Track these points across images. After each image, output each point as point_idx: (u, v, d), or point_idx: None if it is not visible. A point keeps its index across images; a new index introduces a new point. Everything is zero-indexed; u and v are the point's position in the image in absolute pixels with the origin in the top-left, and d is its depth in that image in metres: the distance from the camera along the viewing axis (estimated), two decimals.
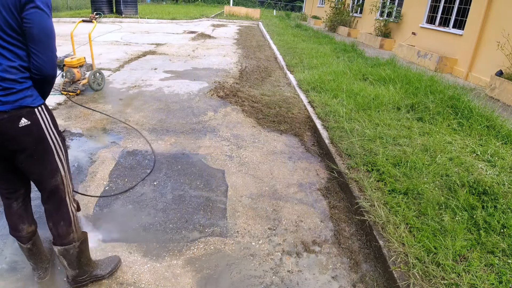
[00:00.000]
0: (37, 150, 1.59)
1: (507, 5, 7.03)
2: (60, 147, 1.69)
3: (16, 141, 1.52)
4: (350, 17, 15.98)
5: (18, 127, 1.49)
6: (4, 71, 1.44)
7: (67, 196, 1.78)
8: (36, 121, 1.55)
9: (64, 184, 1.74)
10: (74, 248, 1.83)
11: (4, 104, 1.45)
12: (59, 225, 1.78)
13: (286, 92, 6.01)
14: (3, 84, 1.44)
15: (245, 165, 3.47)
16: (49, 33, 1.49)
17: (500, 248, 2.21)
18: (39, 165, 1.63)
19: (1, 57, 1.43)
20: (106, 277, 2.03)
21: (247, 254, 2.31)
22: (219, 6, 33.12)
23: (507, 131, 4.01)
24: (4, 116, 1.45)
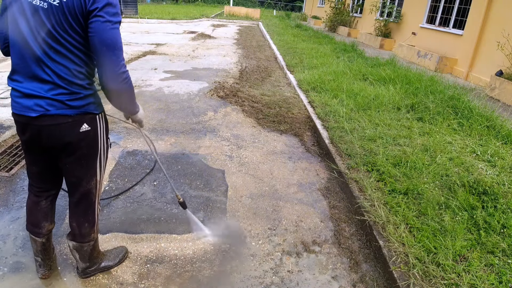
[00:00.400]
0: (88, 154, 1.64)
1: (507, 5, 7.03)
2: (105, 153, 1.75)
3: (72, 144, 1.56)
4: (350, 17, 15.98)
5: (79, 131, 1.54)
6: (73, 75, 1.46)
7: (96, 200, 1.82)
8: (95, 127, 1.61)
9: (96, 188, 1.78)
10: (89, 246, 1.89)
11: (71, 108, 1.48)
12: (83, 226, 1.81)
13: (286, 92, 6.01)
14: (71, 88, 1.47)
15: (245, 165, 3.47)
16: (110, 44, 1.41)
17: (500, 248, 2.21)
18: (83, 168, 1.67)
19: (68, 61, 1.44)
20: (114, 267, 2.08)
21: (247, 254, 2.31)
22: (219, 6, 33.13)
23: (507, 131, 4.01)
24: (69, 120, 1.49)
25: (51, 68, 1.42)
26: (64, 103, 1.47)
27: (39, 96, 1.44)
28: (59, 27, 1.39)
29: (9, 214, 2.50)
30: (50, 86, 1.44)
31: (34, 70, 1.42)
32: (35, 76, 1.43)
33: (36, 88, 1.44)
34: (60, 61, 1.43)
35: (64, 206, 2.61)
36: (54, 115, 1.46)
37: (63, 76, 1.44)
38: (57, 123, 1.48)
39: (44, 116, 1.46)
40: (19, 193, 2.76)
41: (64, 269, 2.07)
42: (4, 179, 2.94)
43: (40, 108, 1.44)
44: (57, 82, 1.44)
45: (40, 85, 1.44)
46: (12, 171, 3.04)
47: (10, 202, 2.64)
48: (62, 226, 2.41)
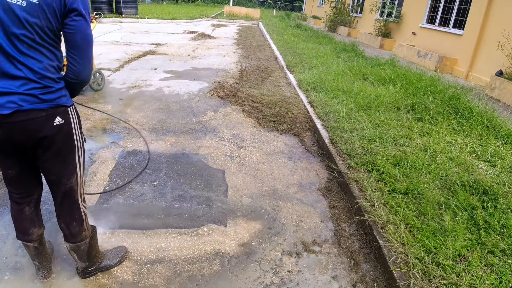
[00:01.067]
0: (64, 149, 1.64)
1: (507, 5, 7.03)
2: (82, 148, 1.74)
3: (46, 139, 1.55)
4: (350, 17, 15.98)
5: (53, 125, 1.54)
6: (45, 69, 1.49)
7: (79, 197, 1.81)
8: (68, 120, 1.61)
9: (78, 185, 1.77)
10: (85, 244, 1.89)
11: (44, 102, 1.49)
12: (71, 225, 1.81)
13: (286, 92, 6.01)
14: (44, 82, 1.48)
15: (245, 165, 3.47)
16: (90, 40, 1.56)
17: (500, 248, 2.21)
18: (61, 164, 1.66)
19: (42, 56, 1.47)
20: (114, 267, 2.09)
21: (247, 253, 2.31)
22: (219, 6, 33.13)
23: (507, 131, 4.01)
24: (42, 114, 1.50)
25: (24, 63, 1.43)
26: (37, 97, 1.47)
27: (11, 93, 1.43)
28: (36, 24, 1.42)
29: (9, 214, 2.50)
30: (22, 81, 1.44)
31: (4, 67, 1.42)
32: (5, 73, 1.43)
33: (7, 85, 1.43)
34: (33, 56, 1.45)
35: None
36: (27, 110, 1.46)
37: (36, 70, 1.46)
38: (31, 117, 1.48)
39: (18, 112, 1.44)
40: None
41: (64, 269, 2.07)
42: None
43: (13, 105, 1.43)
44: (30, 76, 1.45)
45: (11, 82, 1.43)
46: None
47: None
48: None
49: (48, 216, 2.49)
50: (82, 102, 4.88)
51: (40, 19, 1.42)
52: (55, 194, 1.76)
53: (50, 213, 2.53)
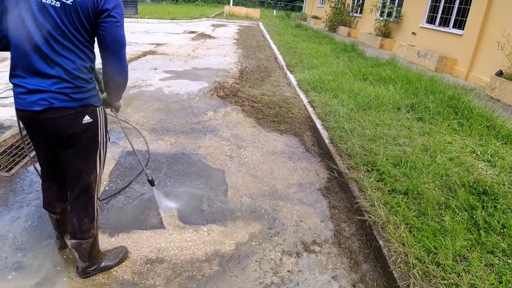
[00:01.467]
0: (88, 146, 1.70)
1: (507, 5, 7.03)
2: (105, 147, 1.81)
3: (74, 136, 1.62)
4: (350, 17, 15.98)
5: (81, 123, 1.61)
6: (78, 70, 1.54)
7: (95, 195, 1.87)
8: (96, 119, 1.68)
9: (96, 182, 1.83)
10: (87, 243, 1.91)
11: (74, 101, 1.55)
12: (83, 221, 1.85)
13: (286, 92, 6.01)
14: (76, 82, 1.54)
15: (245, 165, 3.47)
16: (121, 42, 1.58)
17: (500, 248, 2.21)
18: (83, 160, 1.73)
19: (75, 57, 1.52)
20: (114, 267, 2.10)
21: (247, 254, 2.31)
22: (219, 6, 33.13)
23: (507, 131, 4.01)
24: (72, 112, 1.56)
25: (58, 63, 1.48)
26: (68, 95, 1.53)
27: (43, 91, 1.49)
28: (70, 24, 1.47)
29: (9, 214, 2.50)
30: (54, 80, 1.50)
31: (37, 66, 1.47)
32: (38, 71, 1.48)
33: (40, 83, 1.49)
34: (67, 56, 1.50)
35: None
36: (58, 108, 1.52)
37: (70, 71, 1.51)
38: (61, 115, 1.54)
39: (49, 109, 1.51)
40: (19, 193, 2.76)
41: (65, 269, 2.07)
42: (4, 179, 2.94)
43: (45, 102, 1.50)
44: (63, 76, 1.50)
45: (44, 80, 1.49)
46: (12, 171, 3.04)
47: (10, 202, 2.64)
48: None
49: None
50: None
51: (74, 19, 1.47)
52: (74, 188, 1.81)
53: None
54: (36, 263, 2.10)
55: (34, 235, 2.32)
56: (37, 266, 2.07)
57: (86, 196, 1.82)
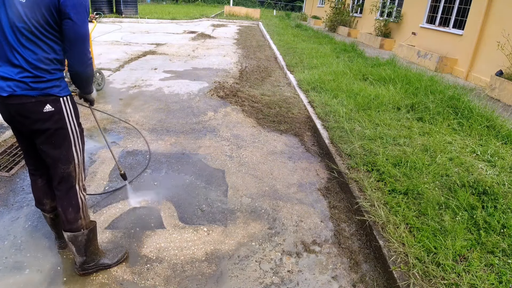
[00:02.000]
0: (56, 135, 1.76)
1: (507, 5, 7.03)
2: (78, 137, 1.85)
3: (39, 123, 1.70)
4: (350, 17, 15.97)
5: (42, 111, 1.68)
6: (39, 60, 1.62)
7: (77, 184, 1.91)
8: (59, 109, 1.73)
9: (76, 172, 1.88)
10: (83, 236, 1.94)
11: (33, 89, 1.64)
12: (68, 211, 1.89)
13: (286, 92, 6.01)
14: (35, 72, 1.63)
15: (245, 165, 3.47)
16: (82, 37, 1.66)
17: (500, 248, 2.21)
18: (55, 149, 1.79)
19: (38, 48, 1.61)
20: (112, 266, 2.11)
21: (247, 254, 2.31)
22: (219, 6, 33.12)
23: (507, 131, 4.01)
24: (32, 100, 1.65)
25: (21, 53, 1.60)
26: (28, 84, 1.62)
27: (10, 79, 1.61)
28: (33, 18, 1.56)
29: (9, 214, 2.50)
30: (18, 69, 1.61)
31: (8, 56, 1.61)
32: (9, 60, 1.61)
33: (8, 71, 1.61)
34: (29, 47, 1.60)
35: None
36: (19, 95, 1.63)
37: (30, 61, 1.61)
38: (22, 102, 1.64)
39: (12, 96, 1.63)
40: (19, 193, 2.76)
41: (64, 270, 2.07)
42: (4, 179, 2.94)
43: (10, 89, 1.62)
44: (24, 66, 1.61)
45: (12, 69, 1.62)
46: (12, 171, 3.04)
47: (10, 202, 2.64)
48: None
49: None
50: (81, 102, 4.87)
51: (36, 14, 1.56)
52: (54, 177, 1.87)
53: None
54: (36, 263, 2.10)
55: (34, 235, 2.32)
56: (36, 266, 2.07)
57: (66, 186, 1.87)
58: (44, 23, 1.59)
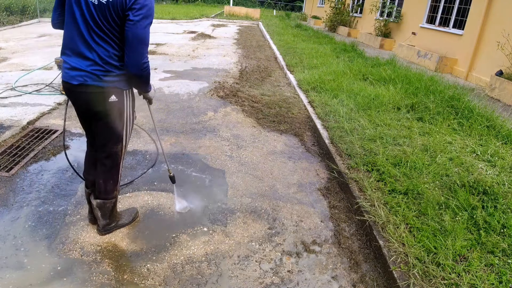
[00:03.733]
0: (114, 121, 2.03)
1: (507, 5, 7.03)
2: (130, 124, 2.14)
3: (101, 110, 1.96)
4: (350, 17, 15.97)
5: (108, 101, 1.94)
6: (110, 57, 1.86)
7: (120, 163, 2.22)
8: (122, 100, 2.00)
9: (122, 152, 2.19)
10: (110, 203, 2.25)
11: (104, 82, 1.88)
12: (109, 183, 2.20)
13: (286, 92, 6.01)
14: (106, 67, 1.87)
15: (245, 165, 3.47)
16: (142, 40, 1.83)
17: (500, 248, 2.21)
18: (110, 133, 2.07)
19: (109, 46, 1.85)
20: (128, 225, 2.43)
21: (247, 253, 2.31)
22: (219, 6, 33.11)
23: (507, 131, 4.01)
24: (100, 91, 1.90)
25: (94, 49, 1.83)
26: (99, 77, 1.86)
27: (81, 69, 1.84)
28: (104, 19, 1.80)
29: (9, 214, 2.50)
30: (90, 62, 1.84)
31: (81, 49, 1.83)
32: (81, 53, 1.84)
33: (79, 63, 1.85)
34: (102, 45, 1.83)
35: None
36: (89, 85, 1.87)
37: (102, 57, 1.84)
38: (91, 91, 1.89)
39: (82, 85, 1.87)
40: (19, 193, 2.76)
41: (64, 270, 2.07)
42: (4, 179, 2.94)
43: (81, 79, 1.85)
44: (97, 61, 1.84)
45: (83, 61, 1.84)
46: (12, 171, 3.03)
47: (10, 202, 2.64)
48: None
49: None
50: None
51: (107, 16, 1.79)
52: (100, 155, 2.15)
53: None
54: (36, 263, 2.10)
55: (34, 235, 2.32)
56: (36, 266, 2.07)
57: (112, 162, 2.16)
58: (114, 24, 1.80)
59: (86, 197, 2.36)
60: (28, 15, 13.99)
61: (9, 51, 7.95)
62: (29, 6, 14.13)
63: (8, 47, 8.48)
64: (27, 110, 4.42)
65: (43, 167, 3.16)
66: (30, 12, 14.11)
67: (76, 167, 3.20)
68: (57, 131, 3.88)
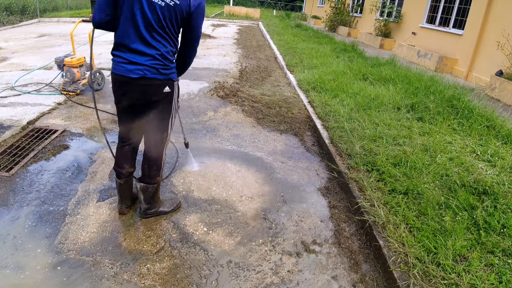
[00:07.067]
0: (164, 110, 2.23)
1: (507, 5, 7.03)
2: (176, 112, 2.33)
3: (155, 99, 2.15)
4: (350, 17, 15.97)
5: (162, 91, 2.14)
6: (167, 52, 2.07)
7: (164, 150, 2.38)
8: (173, 90, 2.21)
9: (166, 140, 2.35)
10: (153, 188, 2.39)
11: (162, 74, 2.08)
12: (153, 168, 2.36)
13: (286, 92, 6.01)
14: (164, 61, 2.06)
15: (245, 165, 3.46)
16: (198, 38, 2.17)
17: (500, 248, 2.21)
18: (159, 121, 2.24)
19: (167, 43, 2.05)
20: (169, 213, 2.56)
21: (247, 253, 2.31)
22: (219, 6, 33.09)
23: (507, 131, 4.01)
24: (158, 82, 2.10)
25: (154, 46, 2.00)
26: (158, 70, 2.05)
27: (140, 64, 2.01)
28: (168, 20, 1.98)
29: (9, 214, 2.50)
30: (149, 57, 2.01)
31: (138, 47, 1.99)
32: (137, 50, 1.99)
33: (138, 58, 2.00)
34: (162, 41, 2.02)
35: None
36: (149, 78, 2.04)
37: (161, 53, 2.03)
38: (150, 83, 2.07)
39: (143, 78, 2.03)
40: (19, 193, 2.76)
41: (64, 270, 2.07)
42: (4, 179, 2.94)
43: (141, 72, 2.01)
44: (156, 56, 2.02)
45: (141, 57, 2.00)
46: (12, 171, 3.03)
47: (10, 202, 2.64)
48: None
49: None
50: (82, 102, 4.88)
51: (172, 17, 1.98)
52: (148, 143, 2.32)
53: None
54: (36, 263, 2.10)
55: (34, 235, 2.32)
56: (36, 266, 2.07)
57: (157, 150, 2.31)
58: (175, 24, 2.01)
59: (116, 186, 2.49)
60: (28, 15, 14.00)
61: (9, 51, 7.94)
62: (29, 6, 14.15)
63: (8, 47, 8.48)
64: (27, 110, 4.42)
65: (43, 167, 3.16)
66: (30, 12, 14.12)
67: (75, 167, 3.19)
68: (57, 131, 3.88)
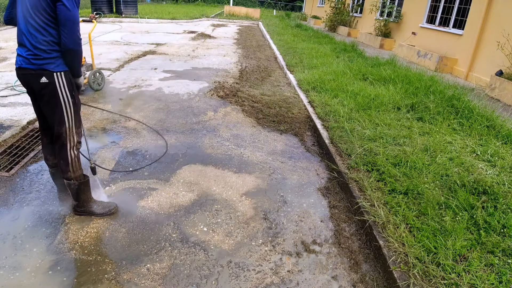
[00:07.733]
0: (50, 102, 2.20)
1: (507, 5, 7.02)
2: (70, 107, 2.25)
3: (38, 91, 2.19)
4: (350, 17, 15.97)
5: (39, 82, 2.14)
6: (38, 42, 2.07)
7: (68, 144, 2.32)
8: (53, 81, 2.16)
9: (67, 134, 2.29)
10: (74, 185, 2.39)
11: (32, 64, 2.11)
12: (60, 162, 2.36)
13: (286, 92, 6.01)
14: (34, 51, 2.09)
15: (245, 165, 3.46)
16: (73, 20, 2.06)
17: (500, 248, 2.21)
18: (51, 112, 2.24)
19: (38, 33, 2.06)
20: (98, 216, 2.52)
21: (247, 253, 2.31)
22: (219, 6, 33.09)
23: (507, 131, 4.01)
24: (32, 72, 2.13)
25: (27, 37, 2.08)
26: (29, 60, 2.10)
27: (20, 55, 2.14)
28: (36, 9, 2.02)
29: (9, 214, 2.50)
30: (25, 49, 2.10)
31: (21, 39, 2.11)
32: (21, 43, 2.12)
33: (20, 51, 2.14)
34: (33, 33, 2.06)
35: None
36: (24, 68, 2.13)
37: (32, 43, 2.07)
38: (25, 73, 2.15)
39: (20, 68, 2.15)
40: (19, 193, 2.76)
41: (64, 270, 2.07)
42: (4, 179, 2.94)
43: (20, 63, 2.14)
44: (28, 47, 2.08)
45: (22, 49, 2.12)
46: (12, 171, 3.03)
47: (10, 202, 2.64)
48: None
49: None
50: (82, 102, 4.87)
51: (37, 6, 2.01)
52: (53, 136, 2.31)
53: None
54: (36, 263, 2.10)
55: (33, 235, 2.32)
56: (36, 266, 2.07)
57: (59, 142, 2.30)
58: (44, 13, 2.02)
59: (51, 175, 2.60)
60: None
61: (9, 51, 7.94)
62: None
63: (8, 47, 8.48)
64: (27, 110, 4.42)
65: (43, 167, 3.16)
66: None
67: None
68: None
